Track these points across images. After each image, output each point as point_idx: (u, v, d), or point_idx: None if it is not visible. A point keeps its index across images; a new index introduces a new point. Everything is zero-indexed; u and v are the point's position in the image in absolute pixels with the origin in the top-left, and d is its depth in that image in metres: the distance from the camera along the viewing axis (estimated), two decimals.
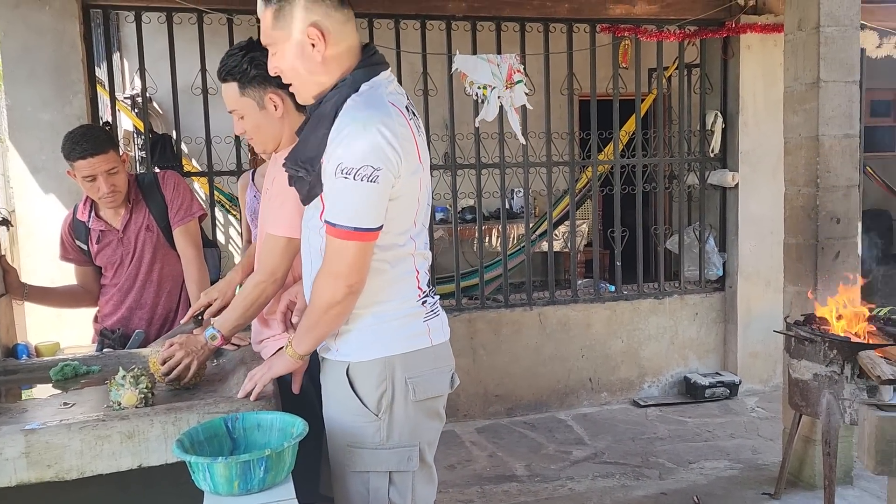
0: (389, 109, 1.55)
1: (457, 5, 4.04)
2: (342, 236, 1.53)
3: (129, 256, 2.51)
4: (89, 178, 2.36)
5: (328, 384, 1.73)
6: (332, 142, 1.54)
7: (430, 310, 1.70)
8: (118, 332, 2.50)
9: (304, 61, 1.58)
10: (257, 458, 1.41)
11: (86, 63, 3.54)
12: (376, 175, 1.50)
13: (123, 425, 1.62)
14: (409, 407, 1.64)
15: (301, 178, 1.63)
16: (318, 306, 1.60)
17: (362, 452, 1.65)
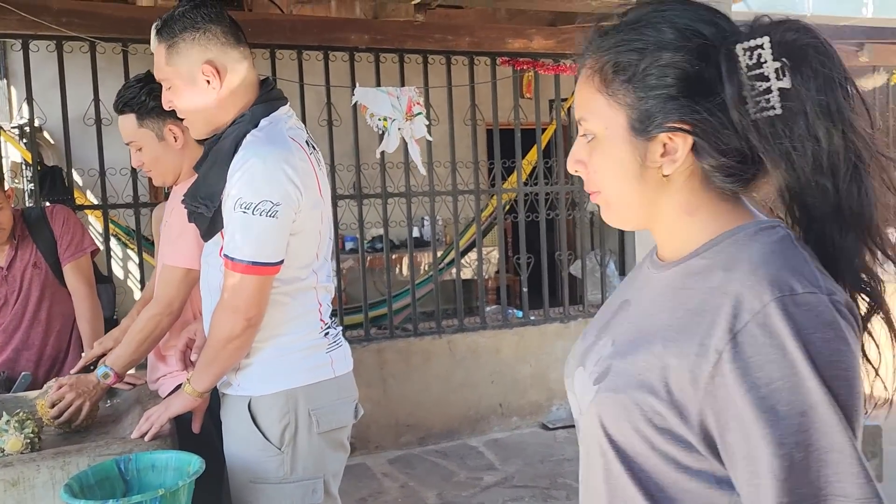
0: (290, 144, 1.56)
1: (359, 38, 4.08)
2: (241, 270, 1.52)
3: (15, 295, 2.39)
4: None
5: (229, 420, 1.69)
6: (232, 177, 1.53)
7: (333, 341, 1.70)
8: (3, 375, 2.36)
9: (199, 97, 1.58)
10: (150, 498, 1.37)
11: None
12: (276, 210, 1.50)
13: (7, 472, 1.53)
14: (313, 439, 1.63)
15: (201, 215, 1.62)
16: (217, 340, 1.58)
17: (266, 488, 1.62)
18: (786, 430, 0.67)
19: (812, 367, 0.67)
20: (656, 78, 0.78)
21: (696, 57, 0.77)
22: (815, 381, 0.67)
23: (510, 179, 4.82)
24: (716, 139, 0.77)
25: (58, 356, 2.45)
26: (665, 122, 0.78)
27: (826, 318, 0.69)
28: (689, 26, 0.78)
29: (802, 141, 0.74)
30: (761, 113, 0.74)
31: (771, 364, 0.68)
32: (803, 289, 0.70)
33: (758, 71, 0.74)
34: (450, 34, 4.29)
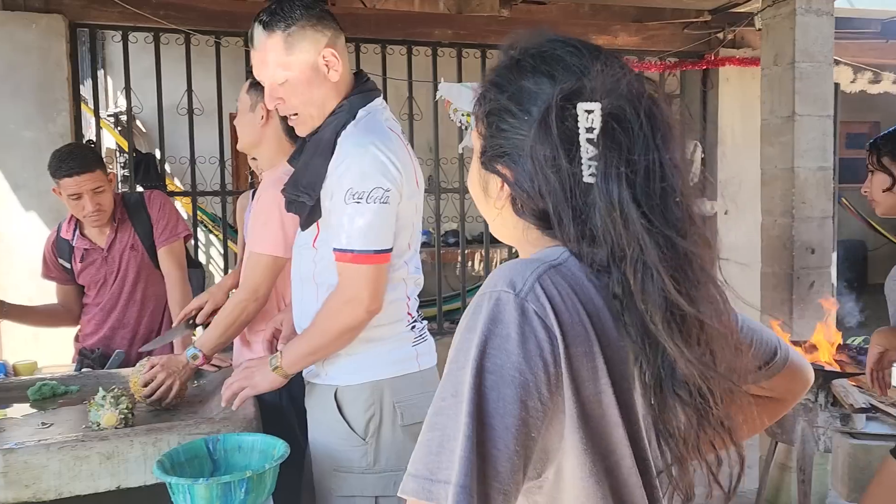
0: (389, 134, 1.58)
1: (443, 32, 4.10)
2: (358, 261, 1.53)
3: (113, 275, 2.50)
4: (74, 196, 2.35)
5: (314, 408, 1.73)
6: (336, 170, 1.55)
7: (419, 335, 1.71)
8: (97, 352, 2.48)
9: (319, 86, 1.59)
10: (238, 479, 1.41)
11: (71, 81, 3.54)
12: (387, 196, 1.52)
13: (103, 446, 1.61)
14: (397, 431, 1.64)
15: (302, 203, 1.63)
16: (331, 331, 1.58)
17: (349, 477, 1.64)
18: (435, 407, 0.72)
19: (477, 355, 0.70)
20: (496, 120, 0.83)
21: (536, 111, 0.79)
22: (471, 370, 0.70)
23: None
24: (529, 195, 0.80)
25: (150, 335, 2.55)
26: (495, 163, 0.83)
27: (501, 316, 0.72)
28: (537, 80, 0.80)
29: (604, 219, 0.75)
30: (588, 178, 0.75)
31: (457, 341, 0.74)
32: (501, 287, 0.73)
33: (590, 135, 0.75)
34: None
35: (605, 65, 0.78)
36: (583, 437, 0.73)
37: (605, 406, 0.74)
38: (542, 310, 0.72)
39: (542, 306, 0.72)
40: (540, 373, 0.70)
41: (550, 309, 0.73)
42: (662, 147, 0.76)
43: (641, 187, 0.74)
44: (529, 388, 0.70)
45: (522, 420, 0.69)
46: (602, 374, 0.74)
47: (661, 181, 0.75)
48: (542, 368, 0.71)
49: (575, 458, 0.74)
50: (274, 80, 1.59)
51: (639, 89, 0.77)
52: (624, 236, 0.74)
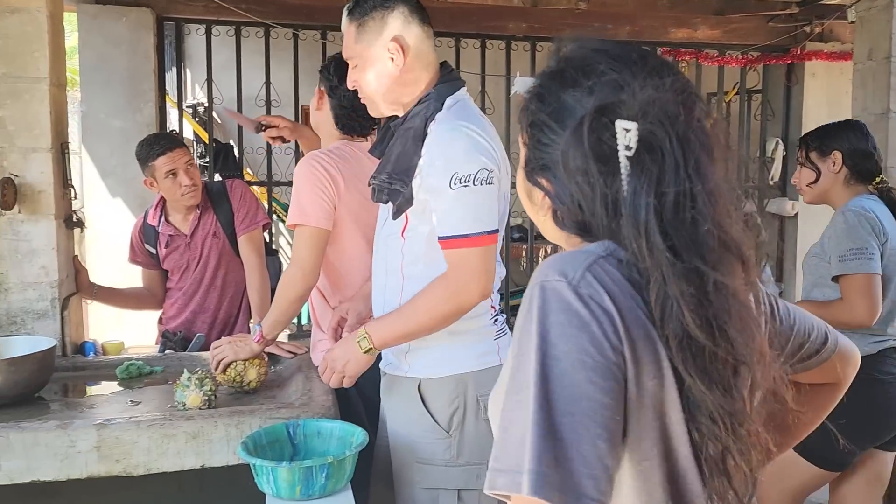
0: (483, 120, 1.59)
1: (517, 26, 4.07)
2: (467, 244, 1.51)
3: (196, 261, 2.58)
4: (170, 172, 2.43)
5: (395, 401, 1.73)
6: (435, 159, 1.54)
7: (500, 328, 1.70)
8: (179, 335, 2.57)
9: (382, 75, 1.61)
10: (319, 464, 1.44)
11: (157, 73, 3.67)
12: (491, 176, 1.52)
13: (189, 425, 1.67)
14: (480, 424, 1.63)
15: (396, 191, 1.62)
16: (441, 314, 1.55)
17: (431, 469, 1.64)
18: (511, 402, 0.72)
19: (539, 344, 0.71)
20: (538, 133, 0.83)
21: (575, 126, 0.78)
22: (536, 361, 0.70)
23: None
24: (569, 208, 0.81)
25: (229, 320, 2.63)
26: (537, 175, 0.84)
27: (559, 304, 0.72)
28: (577, 93, 0.80)
29: (631, 242, 0.75)
30: (619, 190, 0.76)
31: (518, 335, 0.74)
32: (552, 276, 0.74)
33: (628, 153, 0.75)
34: (609, 22, 4.19)
35: (646, 81, 0.78)
36: (643, 418, 0.73)
37: (666, 389, 0.74)
38: (597, 294, 0.73)
39: (597, 291, 0.73)
40: (609, 354, 0.71)
41: (605, 293, 0.73)
42: (695, 174, 0.75)
43: (670, 216, 0.74)
44: (602, 370, 0.70)
45: (601, 403, 0.69)
46: (663, 355, 0.74)
47: (691, 210, 0.75)
48: (609, 350, 0.71)
49: (634, 442, 0.73)
50: (349, 62, 1.65)
51: (674, 111, 0.76)
52: (648, 262, 0.74)
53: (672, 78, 0.79)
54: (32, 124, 2.27)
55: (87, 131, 3.64)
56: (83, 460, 1.61)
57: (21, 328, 2.31)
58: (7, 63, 2.24)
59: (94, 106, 3.59)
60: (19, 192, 2.26)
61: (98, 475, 1.62)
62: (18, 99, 2.25)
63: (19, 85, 2.25)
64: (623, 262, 0.76)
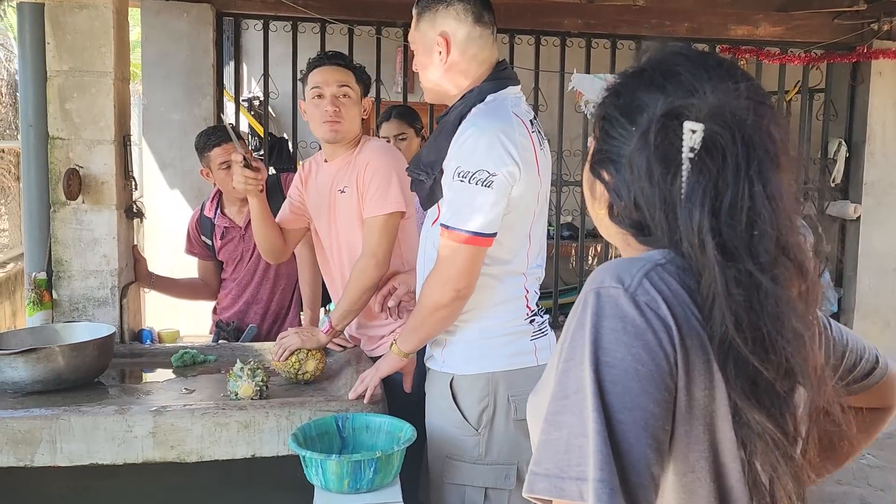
0: (512, 119, 1.58)
1: (573, 22, 4.02)
2: (455, 240, 1.55)
3: (249, 252, 2.63)
4: (225, 164, 2.49)
5: (432, 394, 1.75)
6: (452, 147, 1.59)
7: (538, 329, 1.69)
8: (232, 325, 2.62)
9: (431, 66, 1.67)
10: (368, 458, 1.45)
11: (215, 67, 3.74)
12: (491, 180, 1.52)
13: (241, 415, 1.70)
14: (510, 425, 1.64)
15: (421, 182, 1.68)
16: (425, 307, 1.63)
17: (460, 465, 1.65)
18: (557, 406, 0.72)
19: (592, 350, 0.70)
20: (607, 126, 0.84)
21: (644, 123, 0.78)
22: (589, 366, 0.70)
23: None
24: (626, 204, 0.80)
25: (280, 311, 2.67)
26: (600, 168, 0.84)
27: (615, 311, 0.71)
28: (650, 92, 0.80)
29: (686, 241, 0.75)
30: (679, 190, 0.75)
31: (570, 339, 0.73)
32: (609, 283, 0.73)
33: (692, 154, 0.75)
34: (667, 19, 4.11)
35: (718, 85, 0.77)
36: (688, 430, 0.71)
37: (717, 401, 0.72)
38: (653, 302, 0.72)
39: (654, 299, 0.72)
40: (663, 364, 0.70)
41: (662, 301, 0.72)
42: (757, 177, 0.74)
43: (726, 218, 0.73)
44: (655, 379, 0.69)
45: (651, 413, 0.68)
46: (714, 368, 0.72)
47: (748, 212, 0.73)
48: (663, 359, 0.70)
49: (681, 453, 0.72)
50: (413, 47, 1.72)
51: (742, 115, 0.75)
52: (700, 261, 0.73)
53: (745, 84, 0.79)
54: (97, 117, 2.34)
55: (148, 124, 3.73)
56: (139, 445, 1.66)
57: (82, 315, 2.39)
58: (75, 58, 2.31)
59: (154, 99, 3.68)
60: (83, 183, 2.34)
61: (153, 461, 1.67)
62: (85, 92, 2.32)
63: (86, 79, 2.32)
64: (680, 270, 0.76)
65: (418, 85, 2.21)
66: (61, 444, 1.62)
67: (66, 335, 2.11)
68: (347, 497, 1.46)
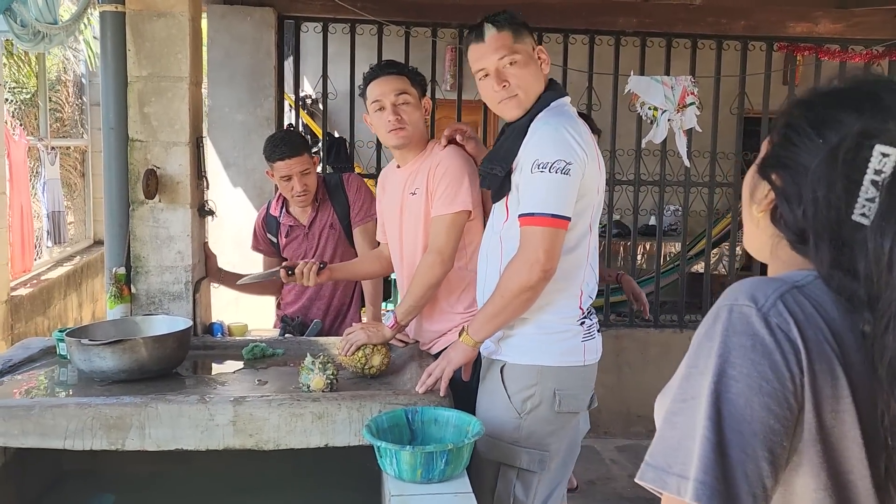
0: (576, 119, 1.75)
1: (627, 21, 4.03)
2: (537, 223, 1.67)
3: (312, 251, 2.72)
4: (285, 177, 2.59)
5: (485, 380, 1.88)
6: (527, 145, 1.73)
7: (588, 331, 1.81)
8: (297, 320, 2.72)
9: (535, 73, 1.80)
10: (440, 450, 1.51)
11: (277, 69, 3.86)
12: (568, 168, 1.66)
13: (315, 406, 1.78)
14: (551, 416, 1.78)
15: (495, 175, 1.80)
16: (510, 290, 1.71)
17: (499, 444, 1.78)
18: (675, 407, 0.77)
19: (718, 363, 0.74)
20: (791, 134, 0.85)
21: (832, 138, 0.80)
22: (713, 377, 0.74)
23: None
24: (793, 210, 0.82)
25: (342, 307, 2.76)
26: (771, 171, 0.86)
27: (745, 328, 0.75)
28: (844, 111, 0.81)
29: (868, 262, 0.76)
30: (857, 217, 0.78)
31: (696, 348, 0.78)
32: (742, 301, 0.77)
33: (876, 178, 0.77)
34: (723, 17, 4.08)
35: None
36: (819, 451, 0.75)
37: (846, 425, 0.75)
38: (784, 324, 0.75)
39: (785, 321, 0.75)
40: (787, 383, 0.73)
41: (793, 324, 0.75)
42: None
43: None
44: (777, 397, 0.73)
45: (770, 428, 0.72)
46: (844, 392, 0.75)
47: None
48: (788, 379, 0.73)
49: (809, 472, 0.75)
50: (504, 59, 1.77)
51: None
52: (884, 282, 0.75)
53: None
54: (174, 120, 2.46)
55: (213, 124, 3.87)
56: (220, 433, 1.75)
57: (158, 308, 2.51)
58: (153, 64, 2.43)
59: (219, 101, 3.81)
60: (160, 183, 2.46)
61: (233, 447, 1.76)
62: (162, 97, 2.44)
63: (163, 84, 2.44)
64: (819, 293, 0.78)
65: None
66: (150, 430, 1.73)
67: (146, 328, 2.23)
68: (420, 486, 1.53)
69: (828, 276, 0.79)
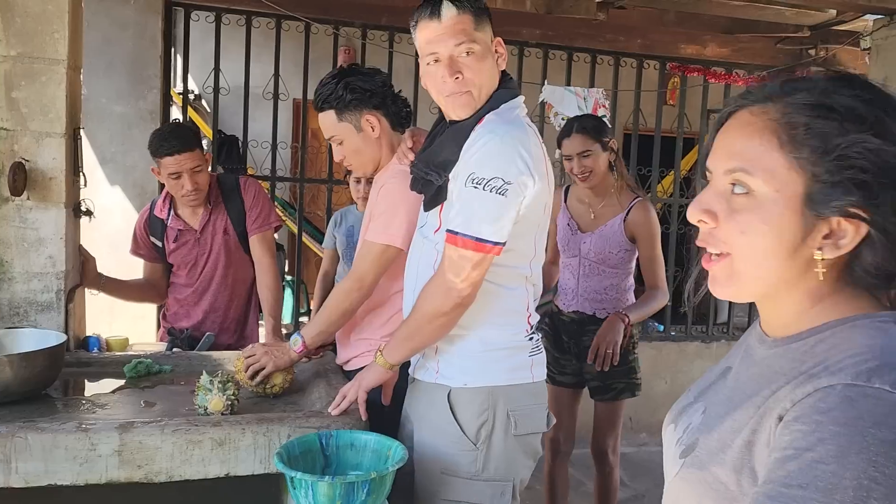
0: (527, 129, 1.56)
1: (530, 32, 4.05)
2: (463, 245, 1.51)
3: (204, 257, 2.50)
4: (174, 175, 2.36)
5: (421, 407, 1.70)
6: (467, 152, 1.54)
7: (535, 346, 1.67)
8: (186, 333, 2.49)
9: (490, 68, 1.58)
10: (362, 480, 1.38)
11: (163, 59, 3.57)
12: (505, 188, 1.48)
13: (215, 432, 1.60)
14: (509, 440, 1.61)
15: (430, 182, 1.62)
16: (423, 314, 1.57)
17: (455, 481, 1.61)
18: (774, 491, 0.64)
19: (857, 460, 0.61)
20: (856, 159, 0.71)
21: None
22: (849, 474, 0.61)
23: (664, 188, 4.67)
24: (891, 253, 0.71)
25: (239, 319, 2.55)
26: (846, 204, 0.71)
27: (889, 419, 0.62)
28: None
29: None
30: None
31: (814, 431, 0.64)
32: (881, 385, 0.64)
33: None
34: (622, 35, 4.18)
35: None
36: None
37: None
38: None
39: None
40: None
41: None
42: None
43: None
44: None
45: None
46: None
47: None
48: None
49: None
50: (461, 45, 1.53)
51: None
52: None
53: None
54: (47, 108, 2.17)
55: (87, 116, 3.50)
56: (103, 465, 1.53)
57: (24, 320, 2.21)
58: (24, 43, 2.14)
59: (95, 90, 3.48)
60: (29, 178, 2.17)
61: (118, 481, 1.55)
62: (34, 81, 2.16)
63: (35, 66, 2.16)
64: None
65: None
66: (17, 464, 1.48)
67: (10, 343, 1.95)
68: None
69: None
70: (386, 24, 3.78)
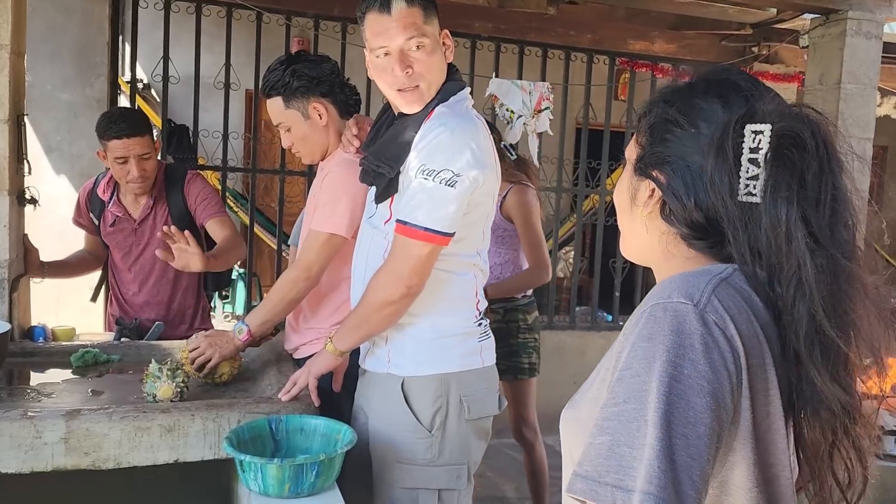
0: (476, 122, 1.59)
1: (482, 26, 4.08)
2: (412, 235, 1.53)
3: (140, 248, 2.46)
4: (121, 159, 2.31)
5: (375, 397, 1.71)
6: (418, 144, 1.55)
7: (484, 331, 1.71)
8: (135, 322, 2.46)
9: (440, 62, 1.59)
10: (311, 462, 1.41)
11: (111, 46, 3.51)
12: (454, 180, 1.51)
13: (164, 418, 1.60)
14: (462, 425, 1.64)
15: (381, 175, 1.63)
16: (371, 303, 1.59)
17: (412, 469, 1.63)
18: (606, 413, 0.72)
19: (662, 366, 0.70)
20: (660, 131, 0.86)
21: (704, 127, 0.82)
22: (656, 380, 0.70)
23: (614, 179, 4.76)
24: (683, 204, 0.82)
25: (185, 311, 2.52)
26: (651, 169, 0.86)
27: (683, 327, 0.72)
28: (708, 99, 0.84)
29: (767, 235, 0.77)
30: (744, 197, 0.78)
31: (629, 350, 0.74)
32: (678, 298, 0.75)
33: (754, 155, 0.78)
34: (572, 29, 4.25)
35: (773, 98, 0.82)
36: (754, 447, 0.74)
37: (772, 417, 0.76)
38: (721, 321, 0.73)
39: (722, 318, 0.74)
40: (725, 383, 0.72)
41: (730, 320, 0.74)
42: (838, 172, 0.78)
43: (811, 208, 0.77)
44: (718, 397, 0.71)
45: (713, 430, 0.70)
46: (773, 385, 0.76)
47: (832, 203, 0.77)
48: (727, 379, 0.72)
49: (745, 469, 0.74)
50: (412, 39, 1.54)
51: (817, 117, 0.80)
52: (784, 252, 0.76)
53: None
54: None
55: (32, 103, 3.42)
56: (49, 452, 1.52)
57: None
58: None
59: (40, 77, 3.40)
60: None
61: (64, 468, 1.54)
62: None
63: None
64: (742, 283, 0.78)
65: None
66: None
67: None
68: (287, 502, 1.41)
69: (741, 266, 0.80)
70: (338, 14, 3.77)
